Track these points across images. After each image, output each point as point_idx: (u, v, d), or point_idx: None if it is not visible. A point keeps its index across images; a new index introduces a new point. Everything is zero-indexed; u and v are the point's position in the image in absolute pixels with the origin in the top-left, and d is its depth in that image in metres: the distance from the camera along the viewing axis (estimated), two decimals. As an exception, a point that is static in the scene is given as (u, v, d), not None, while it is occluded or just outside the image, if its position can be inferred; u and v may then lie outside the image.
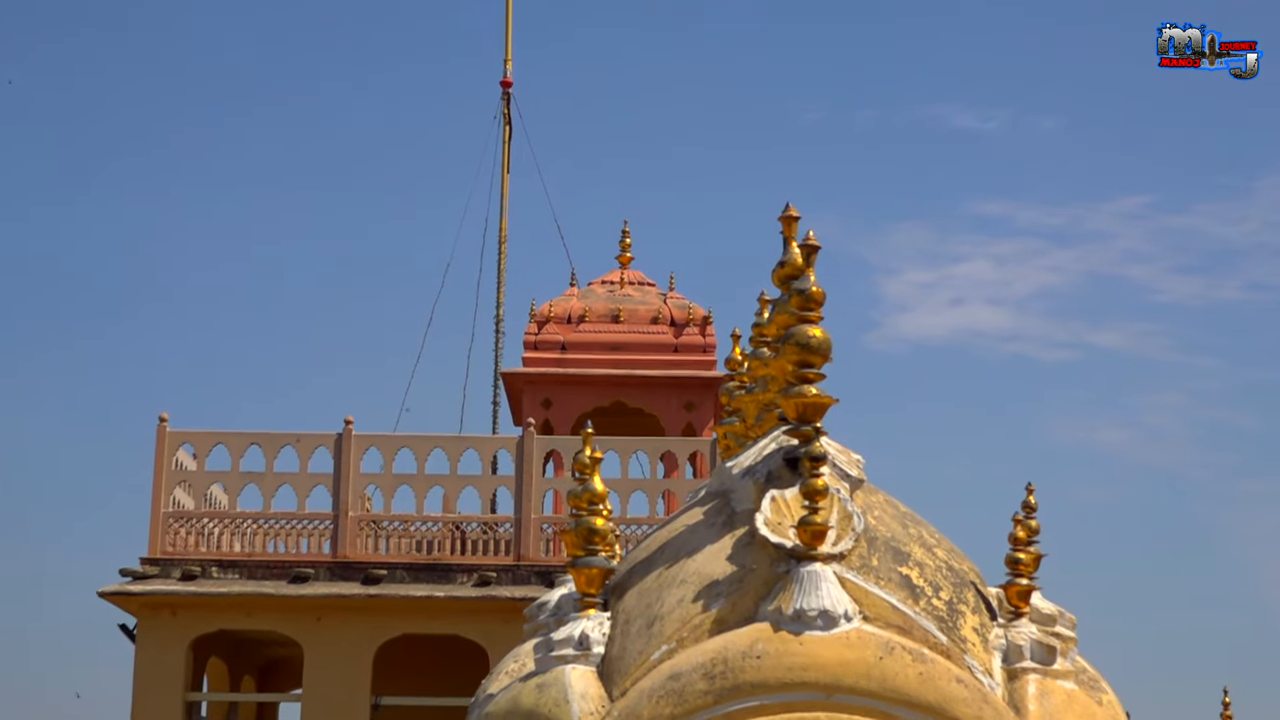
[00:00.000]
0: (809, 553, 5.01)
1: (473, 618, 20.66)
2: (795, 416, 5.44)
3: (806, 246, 5.59)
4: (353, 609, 20.75)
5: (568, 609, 5.66)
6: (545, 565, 20.42)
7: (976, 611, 5.40)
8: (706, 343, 24.18)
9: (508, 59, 28.24)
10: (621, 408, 23.66)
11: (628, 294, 24.79)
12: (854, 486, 5.51)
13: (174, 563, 20.64)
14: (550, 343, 24.04)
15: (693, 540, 5.50)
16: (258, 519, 21.36)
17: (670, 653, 5.04)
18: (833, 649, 4.88)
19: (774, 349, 5.81)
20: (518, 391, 24.48)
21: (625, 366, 23.72)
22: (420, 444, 21.52)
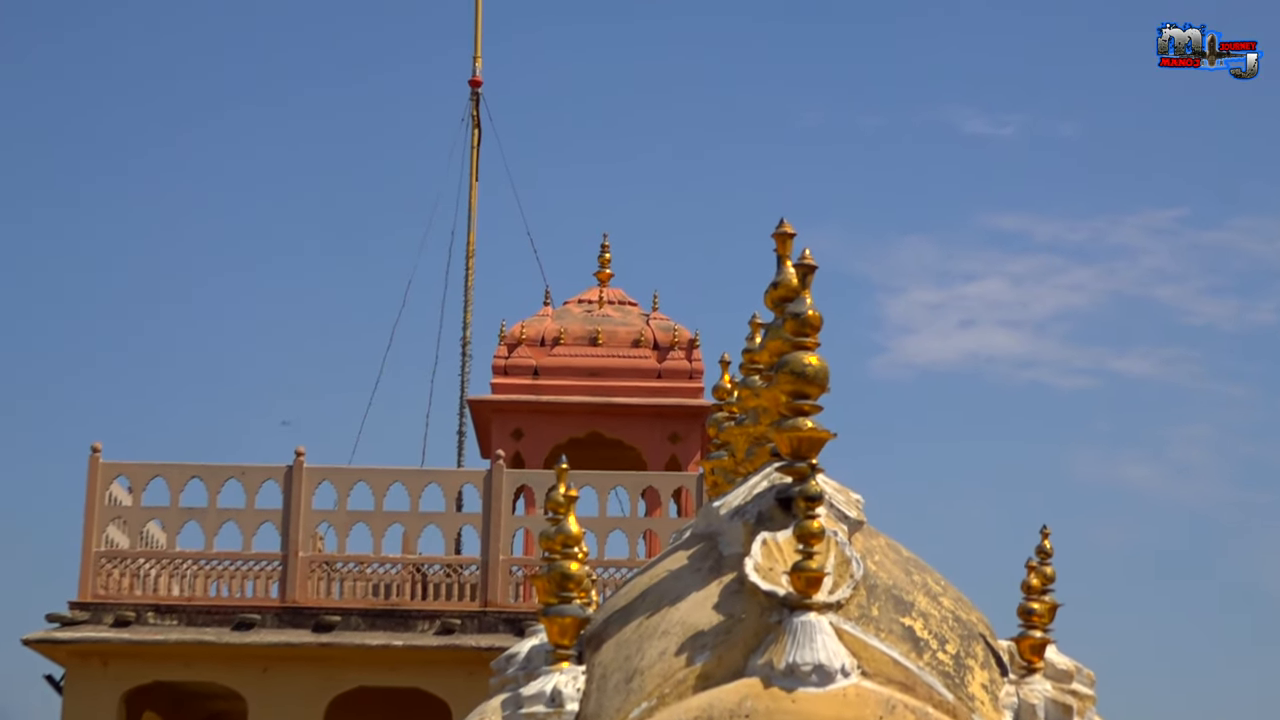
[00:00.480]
0: (802, 602, 4.95)
1: (434, 669, 20.55)
2: (789, 452, 5.40)
3: (802, 266, 5.54)
4: (303, 659, 20.60)
5: (539, 661, 5.63)
6: (514, 612, 20.31)
7: (986, 666, 5.38)
8: (693, 368, 24.09)
9: (477, 56, 28.00)
10: (599, 439, 23.56)
11: (607, 314, 24.70)
12: (853, 529, 5.48)
13: (106, 607, 20.46)
14: (522, 367, 23.94)
15: (676, 587, 5.46)
16: (199, 559, 21.17)
17: (650, 710, 4.99)
18: (829, 707, 4.81)
19: (766, 377, 5.76)
20: (486, 421, 24.36)
21: (603, 394, 23.62)
22: (378, 478, 21.38)
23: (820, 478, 5.36)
